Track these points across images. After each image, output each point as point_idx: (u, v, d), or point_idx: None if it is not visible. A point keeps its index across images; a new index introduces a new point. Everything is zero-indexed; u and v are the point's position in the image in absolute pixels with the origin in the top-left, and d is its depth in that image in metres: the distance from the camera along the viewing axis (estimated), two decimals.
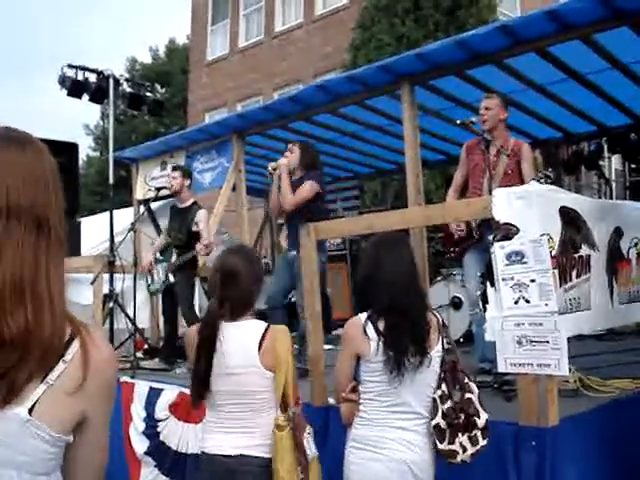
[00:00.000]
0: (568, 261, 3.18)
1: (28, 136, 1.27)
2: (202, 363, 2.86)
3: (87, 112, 50.87)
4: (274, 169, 5.81)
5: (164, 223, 10.74)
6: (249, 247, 3.20)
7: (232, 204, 8.01)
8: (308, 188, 5.58)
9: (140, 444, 5.05)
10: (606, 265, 3.71)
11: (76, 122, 40.51)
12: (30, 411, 1.12)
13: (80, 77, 7.82)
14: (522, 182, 4.77)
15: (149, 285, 6.76)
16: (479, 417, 2.70)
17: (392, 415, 2.73)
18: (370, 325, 2.76)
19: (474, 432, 2.68)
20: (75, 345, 1.19)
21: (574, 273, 3.23)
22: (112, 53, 53.72)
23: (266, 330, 2.92)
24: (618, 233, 3.91)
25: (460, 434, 2.66)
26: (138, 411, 5.14)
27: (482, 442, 2.70)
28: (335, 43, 15.77)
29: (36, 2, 65.20)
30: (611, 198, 9.55)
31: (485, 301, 3.19)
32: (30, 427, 1.12)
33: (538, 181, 3.22)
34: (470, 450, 2.67)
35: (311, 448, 2.90)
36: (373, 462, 2.70)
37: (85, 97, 7.88)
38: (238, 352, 2.87)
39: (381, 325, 2.75)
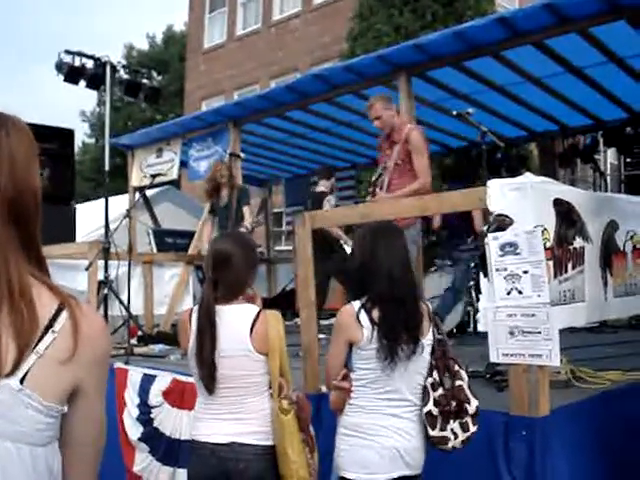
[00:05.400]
0: (563, 253, 3.20)
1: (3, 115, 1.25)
2: (207, 347, 2.85)
3: (83, 98, 50.68)
4: None
5: (159, 210, 10.76)
6: (243, 233, 3.20)
7: None
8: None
9: (134, 430, 5.06)
10: (600, 258, 3.72)
11: (72, 108, 40.41)
12: (22, 381, 1.13)
13: (77, 63, 7.76)
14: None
15: None
16: (470, 404, 2.72)
17: (384, 402, 2.74)
18: (363, 313, 2.77)
19: (465, 419, 2.71)
20: (64, 316, 1.19)
21: (570, 265, 3.25)
22: (109, 40, 53.51)
23: (258, 314, 2.93)
24: (613, 226, 3.92)
25: (452, 421, 2.69)
26: (132, 397, 5.15)
27: (472, 428, 2.72)
28: (333, 33, 15.73)
29: None
30: (606, 191, 9.57)
31: (478, 291, 3.21)
32: (22, 397, 1.13)
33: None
34: (461, 436, 2.70)
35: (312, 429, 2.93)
36: (364, 449, 2.71)
37: (82, 83, 7.84)
38: (230, 335, 2.88)
39: (375, 313, 2.75)
